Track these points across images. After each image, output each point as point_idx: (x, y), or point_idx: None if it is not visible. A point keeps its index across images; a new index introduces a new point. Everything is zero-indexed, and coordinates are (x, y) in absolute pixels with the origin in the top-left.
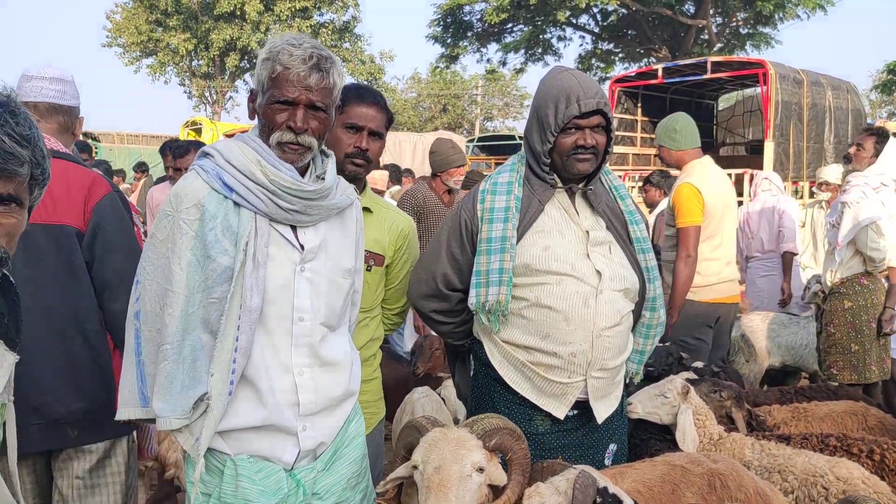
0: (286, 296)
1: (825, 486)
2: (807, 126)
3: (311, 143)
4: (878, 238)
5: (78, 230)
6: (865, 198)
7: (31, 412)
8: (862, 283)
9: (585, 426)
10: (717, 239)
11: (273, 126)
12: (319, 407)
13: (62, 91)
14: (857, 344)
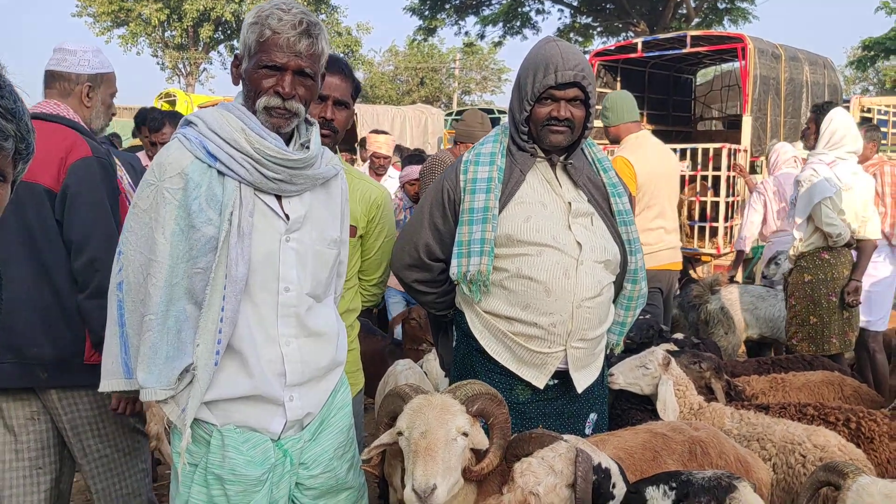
0: (271, 266)
1: (802, 454)
2: (784, 101)
3: (298, 110)
4: (833, 213)
5: (49, 189)
6: (817, 175)
7: (7, 350)
8: (822, 258)
9: (566, 396)
10: (655, 209)
11: (259, 91)
12: (306, 377)
13: (60, 59)
14: (815, 316)
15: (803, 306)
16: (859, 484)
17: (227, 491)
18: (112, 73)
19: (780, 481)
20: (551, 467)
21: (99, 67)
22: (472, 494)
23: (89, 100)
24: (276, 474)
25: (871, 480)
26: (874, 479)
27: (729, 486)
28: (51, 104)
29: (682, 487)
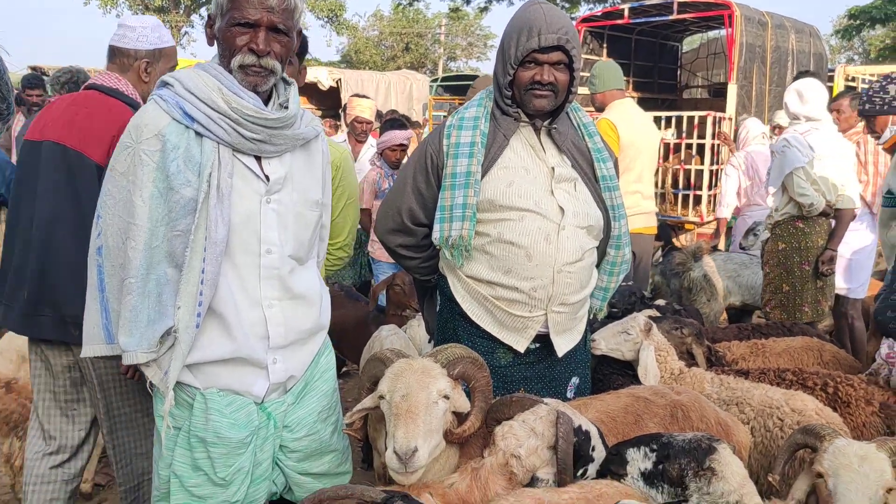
0: (252, 228)
1: (780, 417)
2: (770, 69)
3: (274, 67)
4: (805, 183)
5: (98, 165)
6: (789, 146)
7: (47, 305)
8: (797, 227)
9: (547, 359)
10: (634, 173)
11: (233, 49)
12: (289, 340)
13: (121, 35)
14: (787, 285)
15: (776, 274)
16: (835, 446)
17: (211, 453)
18: (172, 48)
19: (757, 444)
20: (532, 429)
21: (157, 43)
22: (454, 457)
23: (147, 75)
24: (260, 437)
25: (846, 442)
26: (850, 441)
27: (709, 447)
28: (112, 77)
29: (663, 449)
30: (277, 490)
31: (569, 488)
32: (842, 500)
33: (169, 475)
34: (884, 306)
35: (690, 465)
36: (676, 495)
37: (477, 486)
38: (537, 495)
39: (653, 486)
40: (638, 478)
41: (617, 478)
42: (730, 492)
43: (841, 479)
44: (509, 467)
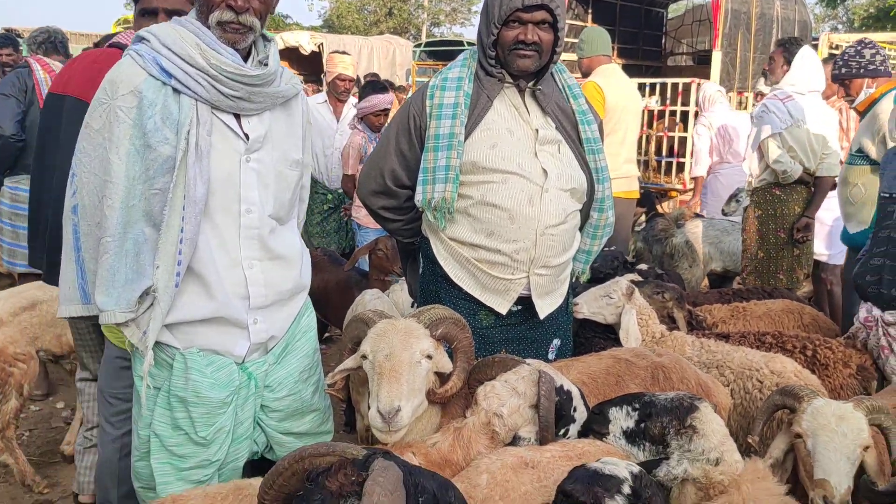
0: (232, 187)
1: (760, 380)
2: (754, 36)
3: (253, 24)
4: (780, 150)
5: None
6: (768, 112)
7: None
8: (774, 193)
9: (528, 321)
10: (618, 135)
11: (212, 5)
12: (270, 300)
13: None
14: (762, 251)
15: (753, 240)
16: (814, 406)
17: (192, 413)
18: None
19: (737, 406)
20: (514, 389)
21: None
22: (436, 417)
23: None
24: (241, 397)
25: (825, 403)
26: (828, 401)
27: (690, 406)
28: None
29: (645, 408)
30: (259, 449)
31: (550, 447)
32: (820, 460)
33: (149, 435)
34: (862, 270)
35: (672, 423)
36: (658, 453)
37: (459, 445)
38: (520, 453)
39: (634, 444)
40: (620, 436)
41: (599, 437)
42: (710, 449)
43: (819, 439)
44: (491, 426)
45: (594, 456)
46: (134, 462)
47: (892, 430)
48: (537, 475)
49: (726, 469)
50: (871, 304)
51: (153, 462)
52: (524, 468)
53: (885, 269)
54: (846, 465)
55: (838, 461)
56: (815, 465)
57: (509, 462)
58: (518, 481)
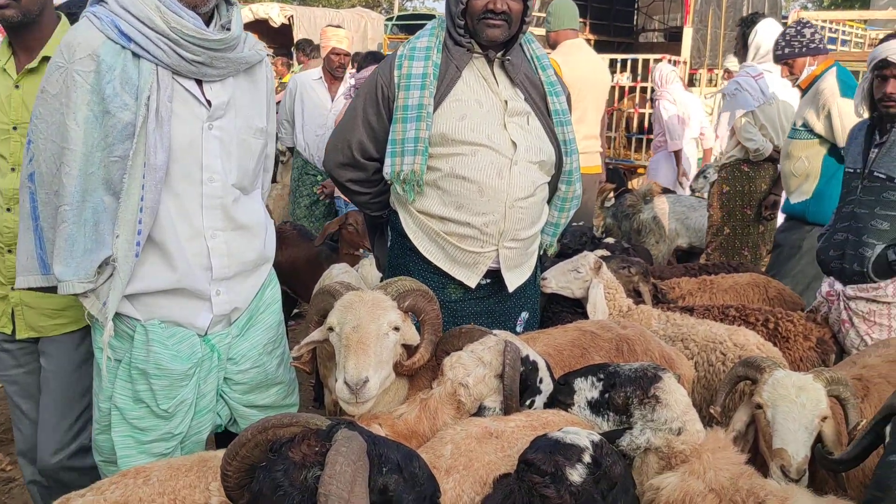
0: (193, 155)
1: (723, 352)
2: (725, 13)
3: None
4: (752, 128)
5: None
6: (741, 89)
7: None
8: (742, 170)
9: (497, 294)
10: (577, 113)
11: None
12: (233, 271)
13: None
14: (728, 227)
15: (719, 217)
16: (774, 377)
17: (153, 386)
18: None
19: (700, 378)
20: (480, 359)
21: None
22: (404, 389)
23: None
24: (204, 369)
25: (785, 374)
26: (788, 372)
27: (654, 376)
28: None
29: (610, 378)
30: (222, 422)
31: (514, 417)
32: (779, 429)
33: (110, 408)
34: (826, 245)
35: (636, 392)
36: (622, 423)
37: (426, 416)
38: (484, 423)
39: (599, 414)
40: (585, 407)
41: (564, 407)
42: (673, 419)
43: (778, 409)
44: (457, 396)
45: (558, 426)
46: (95, 435)
47: (850, 402)
48: (501, 445)
49: (688, 439)
50: (834, 279)
51: (114, 435)
52: (488, 438)
53: (847, 244)
54: (804, 434)
55: (796, 431)
56: (774, 434)
57: (473, 432)
58: (482, 451)
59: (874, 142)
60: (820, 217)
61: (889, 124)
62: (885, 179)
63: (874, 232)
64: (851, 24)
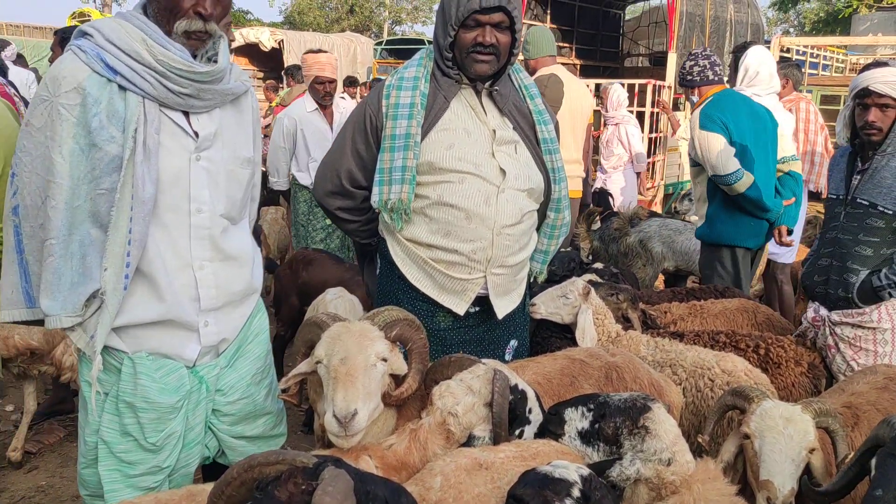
0: (181, 186)
1: (711, 378)
2: (708, 38)
3: (215, 31)
4: None
5: None
6: None
7: None
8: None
9: (486, 322)
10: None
11: (178, 12)
12: (221, 302)
13: None
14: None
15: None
16: (762, 408)
17: (141, 419)
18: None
19: (689, 404)
20: (469, 387)
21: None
22: (392, 419)
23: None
24: (192, 401)
25: (773, 405)
26: (777, 402)
27: (643, 406)
28: None
29: (599, 409)
30: (210, 454)
31: (504, 446)
32: (766, 461)
33: (96, 441)
34: (810, 271)
35: (625, 423)
36: (612, 453)
37: (416, 446)
38: (473, 454)
39: (589, 444)
40: (575, 437)
41: (555, 438)
42: (662, 449)
43: (766, 440)
44: (447, 426)
45: (548, 456)
46: (80, 469)
47: (839, 433)
48: (491, 476)
49: (678, 469)
50: (819, 304)
51: (101, 469)
52: (478, 469)
53: (831, 269)
54: (790, 466)
55: (783, 462)
56: (761, 465)
57: (463, 463)
58: (472, 483)
59: (856, 169)
60: (714, 237)
61: (871, 151)
62: (867, 206)
63: (858, 258)
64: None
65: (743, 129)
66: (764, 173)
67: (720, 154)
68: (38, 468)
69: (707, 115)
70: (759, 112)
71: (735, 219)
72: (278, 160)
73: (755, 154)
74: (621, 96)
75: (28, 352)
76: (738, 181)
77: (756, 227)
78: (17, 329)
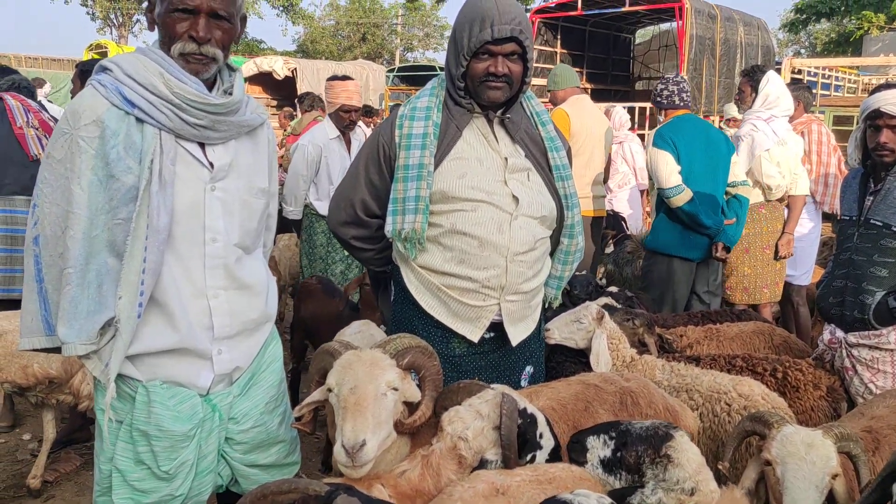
0: (196, 216)
1: (728, 403)
2: (719, 61)
3: (216, 55)
4: (772, 165)
5: None
6: (756, 130)
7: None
8: (760, 212)
9: (501, 349)
10: (584, 157)
11: (174, 36)
12: (235, 330)
13: None
14: (749, 267)
15: (738, 257)
16: (783, 434)
17: (154, 447)
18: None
19: (706, 429)
20: (478, 412)
21: None
22: (406, 447)
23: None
24: (205, 429)
25: (794, 430)
26: (797, 428)
27: (665, 434)
28: None
29: (621, 437)
30: (223, 483)
31: (520, 470)
32: (789, 487)
33: (111, 469)
34: (825, 293)
35: (647, 451)
36: (633, 482)
37: (429, 473)
38: (491, 478)
39: (611, 473)
40: (597, 465)
41: (577, 465)
42: (685, 478)
43: (788, 467)
44: (458, 450)
45: (564, 481)
46: (95, 498)
47: (861, 458)
48: (507, 501)
49: (702, 499)
50: (835, 326)
51: (115, 497)
52: (495, 495)
53: (847, 290)
54: (814, 493)
55: (806, 489)
56: (784, 492)
57: (481, 489)
58: None
59: (869, 189)
60: (654, 245)
61: (883, 172)
62: (881, 227)
63: (874, 279)
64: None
65: (693, 151)
66: (710, 193)
67: (665, 169)
68: (54, 497)
69: (661, 135)
70: (715, 138)
71: (675, 231)
72: (297, 188)
73: (703, 175)
74: (623, 117)
75: (46, 381)
76: (676, 195)
77: (695, 240)
78: (36, 357)
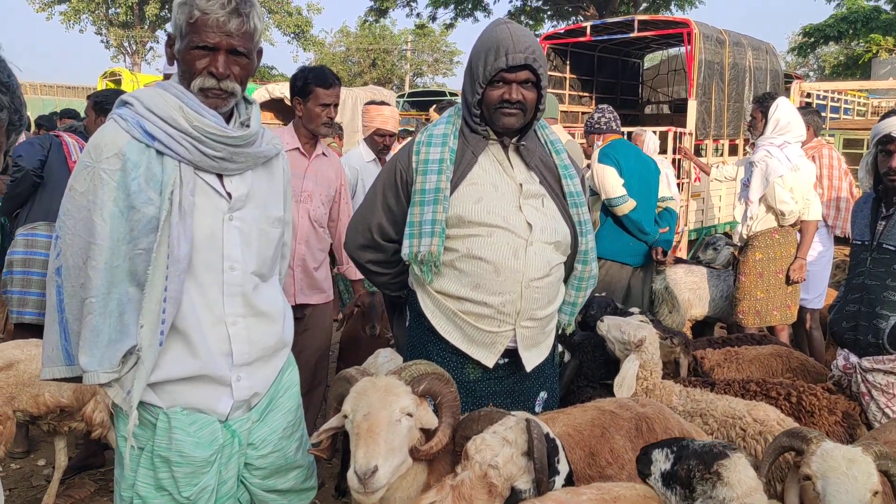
0: (215, 245)
1: (742, 428)
2: (728, 86)
3: (234, 89)
4: (785, 191)
5: None
6: (770, 156)
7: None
8: (773, 237)
9: (516, 374)
10: None
11: (194, 72)
12: (253, 357)
13: None
14: (761, 291)
15: (752, 282)
16: (823, 449)
17: (175, 473)
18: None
19: None
20: (504, 439)
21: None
22: (423, 474)
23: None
24: (225, 455)
25: (834, 446)
26: (837, 444)
27: (720, 453)
28: None
29: (679, 451)
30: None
31: (585, 489)
32: (831, 502)
33: (132, 496)
34: (838, 317)
35: (698, 467)
36: (686, 497)
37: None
38: (560, 498)
39: (669, 487)
40: (659, 478)
41: (644, 478)
42: (733, 498)
43: (830, 482)
44: (488, 479)
45: (629, 499)
46: None
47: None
48: None
49: None
50: (848, 351)
51: None
52: None
53: (860, 315)
54: None
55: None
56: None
57: None
58: None
59: (881, 214)
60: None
61: (895, 197)
62: (894, 251)
63: (887, 303)
64: (853, 93)
65: (630, 169)
66: (645, 205)
67: (611, 182)
68: None
69: (605, 153)
70: (644, 159)
71: (617, 238)
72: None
73: (638, 190)
74: (655, 143)
75: (58, 409)
76: (622, 204)
77: (635, 246)
78: (48, 386)
